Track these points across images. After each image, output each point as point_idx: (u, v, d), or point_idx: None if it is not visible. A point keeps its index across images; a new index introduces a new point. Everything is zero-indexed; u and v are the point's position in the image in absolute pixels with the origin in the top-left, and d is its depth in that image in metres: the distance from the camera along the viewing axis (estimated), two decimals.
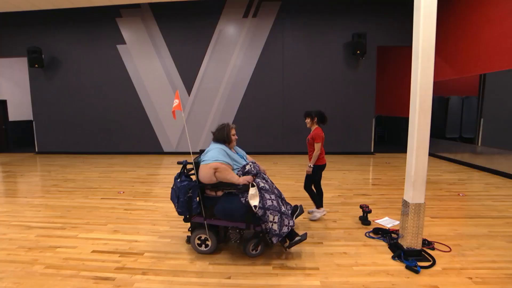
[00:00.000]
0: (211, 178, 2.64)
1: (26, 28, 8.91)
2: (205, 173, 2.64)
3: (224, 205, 2.68)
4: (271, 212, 2.58)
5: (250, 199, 2.57)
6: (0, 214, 3.96)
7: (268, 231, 2.62)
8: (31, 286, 2.32)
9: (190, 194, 2.63)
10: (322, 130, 3.84)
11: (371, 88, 8.04)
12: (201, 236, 2.80)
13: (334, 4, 7.90)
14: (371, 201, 4.28)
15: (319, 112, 3.87)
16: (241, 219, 2.67)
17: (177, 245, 2.97)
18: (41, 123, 9.32)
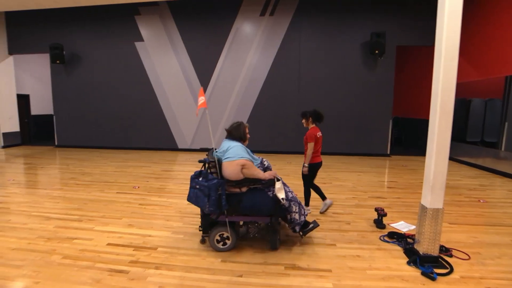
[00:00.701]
0: (238, 174, 2.66)
1: (48, 25, 9.19)
2: (232, 170, 2.65)
3: (253, 200, 2.74)
4: (294, 203, 2.82)
5: (277, 192, 2.71)
6: (22, 205, 4.11)
7: (292, 220, 2.84)
8: (49, 275, 2.40)
9: (220, 191, 2.62)
10: (318, 129, 3.91)
11: (389, 88, 7.87)
12: (222, 233, 2.81)
13: (352, 2, 7.76)
14: (386, 204, 4.19)
15: (314, 111, 3.91)
16: (267, 212, 2.77)
17: (190, 241, 2.99)
18: (61, 118, 9.60)
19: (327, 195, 4.61)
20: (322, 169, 6.36)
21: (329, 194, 4.64)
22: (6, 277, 2.37)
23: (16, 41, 9.58)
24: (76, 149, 9.35)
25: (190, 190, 2.76)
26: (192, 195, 2.72)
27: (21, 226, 3.36)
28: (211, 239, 2.82)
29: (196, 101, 8.59)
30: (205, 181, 2.63)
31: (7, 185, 5.17)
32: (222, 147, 2.89)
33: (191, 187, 2.74)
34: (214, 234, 2.81)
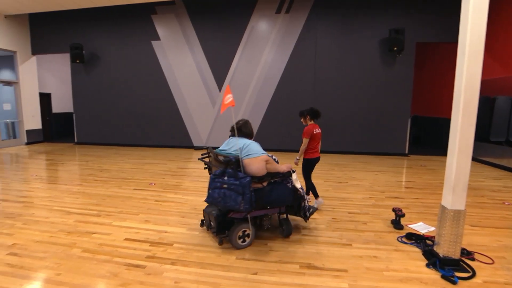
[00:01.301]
0: (264, 170, 2.74)
1: (69, 25, 9.46)
2: (259, 166, 2.71)
3: (277, 193, 2.85)
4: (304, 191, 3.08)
5: (295, 183, 2.99)
6: (44, 199, 4.26)
7: (304, 207, 3.08)
8: (70, 267, 2.47)
9: (252, 188, 2.63)
10: (317, 126, 3.97)
11: (408, 86, 7.66)
12: (245, 230, 2.83)
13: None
14: (404, 204, 4.09)
15: (310, 109, 3.98)
16: (289, 202, 2.98)
17: (205, 238, 3.01)
18: (80, 116, 9.88)
19: (343, 194, 4.57)
20: (339, 168, 6.31)
21: (345, 193, 4.59)
22: (30, 268, 2.46)
23: (39, 42, 9.92)
24: (94, 146, 9.60)
25: (213, 191, 2.69)
26: (217, 195, 2.65)
27: (43, 220, 3.48)
28: (233, 237, 2.78)
29: (213, 99, 8.66)
30: (235, 180, 2.60)
31: (31, 180, 5.36)
32: (231, 145, 2.88)
33: (215, 188, 2.68)
34: (236, 232, 2.78)
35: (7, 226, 3.31)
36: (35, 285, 2.25)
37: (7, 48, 9.29)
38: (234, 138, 2.92)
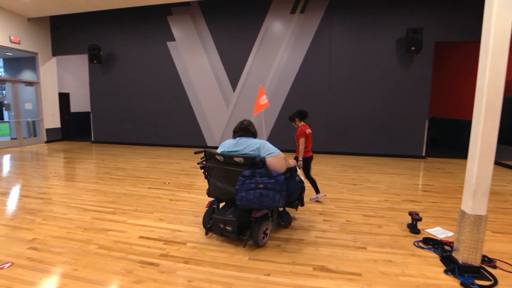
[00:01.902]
0: (284, 167, 2.88)
1: (87, 27, 9.71)
2: (282, 164, 2.83)
3: (292, 186, 3.07)
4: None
5: (301, 176, 3.38)
6: (62, 196, 4.37)
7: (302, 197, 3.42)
8: (86, 263, 2.52)
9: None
10: (308, 127, 4.24)
11: (426, 87, 7.46)
12: (267, 227, 2.92)
13: None
14: (421, 208, 3.98)
15: (298, 111, 4.29)
16: (297, 194, 3.23)
17: (218, 238, 3.02)
18: (97, 115, 10.12)
19: (358, 196, 4.50)
20: (353, 170, 6.22)
21: (360, 196, 4.51)
22: (49, 262, 2.53)
23: (59, 43, 10.23)
24: (110, 145, 9.81)
25: (248, 193, 2.61)
26: (252, 197, 2.60)
27: (61, 216, 3.57)
28: (259, 236, 2.79)
29: (227, 99, 8.70)
30: (270, 178, 2.64)
31: (50, 177, 5.53)
32: (244, 145, 2.85)
33: (249, 189, 2.61)
34: (261, 231, 2.81)
35: (28, 221, 3.41)
36: (54, 279, 2.31)
37: (30, 49, 9.62)
38: (243, 138, 2.91)
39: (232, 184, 2.79)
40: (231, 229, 2.78)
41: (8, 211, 3.80)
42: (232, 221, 2.76)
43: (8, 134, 10.29)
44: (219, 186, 2.94)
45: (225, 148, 2.97)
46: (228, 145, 2.97)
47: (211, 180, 3.03)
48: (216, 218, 2.86)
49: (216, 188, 2.97)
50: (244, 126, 2.97)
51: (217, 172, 2.98)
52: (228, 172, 2.86)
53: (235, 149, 2.88)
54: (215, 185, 2.97)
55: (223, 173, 2.93)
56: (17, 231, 3.16)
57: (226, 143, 3.01)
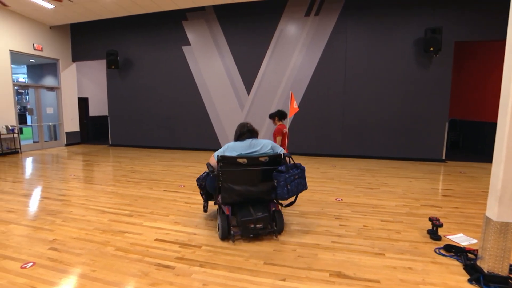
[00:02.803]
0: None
1: (105, 33, 9.99)
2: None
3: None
4: None
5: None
6: (81, 198, 4.48)
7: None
8: (104, 264, 2.56)
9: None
10: (285, 126, 4.59)
11: (445, 88, 7.23)
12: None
13: None
14: (441, 214, 3.85)
15: (278, 111, 4.64)
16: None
17: (234, 242, 3.00)
18: (114, 119, 10.36)
19: (375, 201, 4.41)
20: (370, 174, 6.10)
21: (377, 200, 4.41)
22: (69, 263, 2.59)
23: (78, 50, 10.57)
24: (127, 148, 10.01)
25: (291, 185, 2.91)
26: (295, 187, 2.94)
27: (80, 218, 3.66)
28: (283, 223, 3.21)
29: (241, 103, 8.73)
30: (297, 169, 3.02)
31: (69, 180, 5.68)
32: (259, 146, 3.10)
33: (292, 181, 2.92)
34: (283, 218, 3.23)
35: (49, 222, 3.51)
36: (73, 279, 2.36)
37: (52, 56, 9.98)
38: (254, 140, 3.13)
39: (252, 184, 2.98)
40: (263, 225, 2.98)
41: (31, 212, 3.93)
42: (265, 217, 2.98)
43: (30, 137, 10.69)
44: (237, 189, 2.95)
45: (240, 151, 3.02)
46: (242, 148, 3.04)
47: (225, 187, 2.94)
48: (246, 220, 2.92)
49: (233, 192, 2.95)
50: (252, 128, 3.16)
51: (234, 175, 2.96)
52: (249, 173, 2.98)
53: (252, 150, 3.05)
54: (231, 190, 2.95)
55: (243, 175, 2.98)
56: (39, 231, 3.25)
57: (237, 146, 3.07)
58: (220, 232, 3.03)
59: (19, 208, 4.05)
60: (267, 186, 3.03)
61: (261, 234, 3.05)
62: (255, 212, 2.99)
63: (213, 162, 3.05)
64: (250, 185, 2.98)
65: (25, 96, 13.52)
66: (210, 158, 3.13)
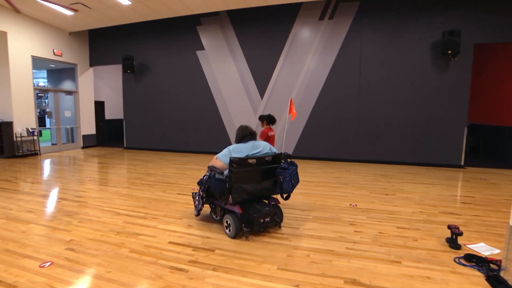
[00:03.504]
0: None
1: (121, 39, 10.23)
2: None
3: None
4: None
5: None
6: (97, 200, 4.56)
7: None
8: (118, 266, 2.58)
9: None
10: (271, 129, 4.87)
11: (464, 92, 7.03)
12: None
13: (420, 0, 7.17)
14: (461, 221, 3.72)
15: (267, 116, 4.91)
16: None
17: (246, 246, 2.99)
18: (129, 122, 10.56)
19: (390, 207, 4.33)
20: (385, 179, 5.99)
21: (392, 206, 4.31)
22: (84, 263, 2.63)
23: (95, 55, 10.85)
24: (141, 151, 10.16)
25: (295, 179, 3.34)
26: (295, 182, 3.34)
27: (96, 219, 3.72)
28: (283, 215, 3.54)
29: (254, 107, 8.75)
30: (293, 165, 3.38)
31: (85, 182, 5.80)
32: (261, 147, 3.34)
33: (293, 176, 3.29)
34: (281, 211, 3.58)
35: (65, 223, 3.59)
36: (88, 280, 2.39)
37: (70, 61, 10.29)
38: (255, 141, 3.37)
39: (259, 183, 3.24)
40: (270, 218, 3.22)
41: (49, 213, 4.03)
42: (271, 211, 3.24)
43: (49, 139, 11.00)
44: (246, 188, 3.11)
45: (247, 152, 3.22)
46: (247, 149, 3.25)
47: (235, 187, 3.04)
48: (257, 216, 3.10)
49: (243, 191, 3.10)
50: (253, 131, 3.39)
51: (244, 175, 3.11)
52: (256, 172, 3.21)
53: (256, 151, 3.28)
54: (241, 190, 3.08)
55: (253, 175, 3.20)
56: (56, 232, 3.32)
57: (242, 147, 3.25)
58: (233, 230, 3.12)
59: (38, 209, 4.16)
60: (269, 183, 3.32)
61: (268, 227, 3.32)
62: (261, 208, 3.22)
63: (219, 165, 3.20)
64: (256, 183, 3.22)
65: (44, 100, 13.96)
66: (213, 161, 3.27)
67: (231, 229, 3.15)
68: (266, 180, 3.29)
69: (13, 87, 8.53)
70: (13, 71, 8.52)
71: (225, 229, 3.25)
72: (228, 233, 3.20)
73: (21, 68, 8.73)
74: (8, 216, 3.83)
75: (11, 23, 8.38)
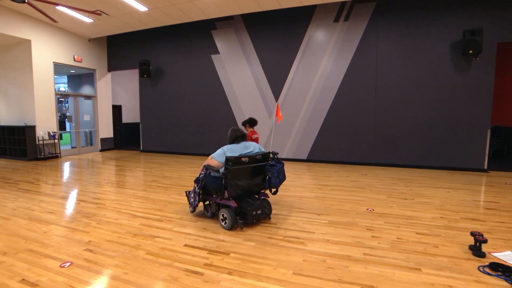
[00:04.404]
0: None
1: (138, 44, 10.46)
2: None
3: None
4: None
5: None
6: (114, 202, 4.65)
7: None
8: (135, 268, 2.62)
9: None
10: (255, 132, 5.12)
11: (487, 93, 6.77)
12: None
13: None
14: (485, 228, 3.57)
15: (249, 119, 5.16)
16: None
17: (261, 250, 2.97)
18: (145, 125, 10.76)
19: (409, 212, 4.22)
20: (403, 183, 5.84)
21: (411, 211, 4.19)
22: (102, 264, 2.67)
23: (113, 60, 11.14)
24: (157, 154, 10.32)
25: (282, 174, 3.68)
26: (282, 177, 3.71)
27: (113, 221, 3.79)
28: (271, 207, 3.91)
29: (269, 110, 8.75)
30: (280, 163, 3.74)
31: (103, 184, 5.93)
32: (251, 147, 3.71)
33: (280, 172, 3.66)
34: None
35: (84, 224, 3.67)
36: (106, 281, 2.43)
37: (90, 67, 10.60)
38: (246, 142, 3.73)
39: (250, 179, 3.61)
40: (261, 211, 3.61)
41: (69, 214, 4.13)
42: (261, 204, 3.62)
43: (69, 143, 11.35)
44: (240, 184, 3.47)
45: (240, 152, 3.58)
46: (239, 149, 3.61)
47: (230, 183, 3.38)
48: (250, 208, 3.47)
49: (237, 187, 3.44)
50: (243, 133, 3.74)
51: (238, 172, 3.47)
52: (250, 169, 3.59)
53: (248, 150, 3.64)
54: (236, 185, 3.42)
55: (245, 172, 3.56)
56: (76, 233, 3.40)
57: (235, 147, 3.61)
58: (229, 222, 3.45)
59: (58, 210, 4.28)
60: (259, 179, 3.71)
61: (260, 219, 3.72)
62: (253, 202, 3.60)
63: (214, 164, 3.53)
64: (248, 179, 3.59)
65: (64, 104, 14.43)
66: (209, 160, 3.60)
67: (227, 221, 3.47)
68: (257, 177, 3.69)
69: (36, 92, 8.87)
70: (36, 77, 8.86)
71: (221, 222, 3.55)
72: (224, 226, 3.52)
73: (43, 74, 9.07)
74: (31, 216, 3.96)
75: (35, 32, 8.73)
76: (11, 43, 8.91)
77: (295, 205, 4.47)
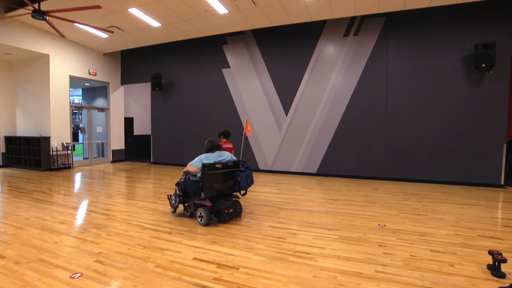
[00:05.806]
0: None
1: (151, 58, 10.73)
2: None
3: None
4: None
5: None
6: (124, 213, 4.68)
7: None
8: (144, 280, 2.60)
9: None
10: (228, 142, 5.94)
11: (502, 106, 6.62)
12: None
13: (450, 13, 6.96)
14: (504, 247, 3.43)
15: (223, 132, 6.10)
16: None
17: (271, 265, 2.92)
18: (156, 138, 10.89)
19: (422, 228, 4.12)
20: (416, 199, 5.72)
21: (425, 227, 4.07)
22: (112, 276, 2.67)
23: (126, 73, 11.43)
24: (167, 166, 10.40)
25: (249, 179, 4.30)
26: (250, 181, 4.31)
27: (123, 233, 3.80)
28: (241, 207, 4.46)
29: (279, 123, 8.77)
30: (248, 169, 4.36)
31: (114, 195, 5.99)
32: (224, 156, 4.33)
33: (248, 177, 4.28)
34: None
35: (94, 235, 3.69)
36: None
37: (104, 80, 10.90)
38: (221, 151, 4.38)
39: (223, 182, 4.19)
40: (233, 210, 4.20)
41: (79, 224, 4.17)
42: (233, 204, 4.22)
43: (81, 154, 11.55)
44: (215, 187, 4.03)
45: (214, 159, 4.18)
46: (214, 157, 4.22)
47: (206, 185, 3.93)
48: (224, 207, 4.06)
49: (212, 189, 4.00)
50: (218, 144, 4.35)
51: (213, 177, 4.03)
52: (222, 174, 4.18)
53: (221, 158, 4.26)
54: (211, 188, 3.98)
55: (219, 177, 4.13)
56: (86, 244, 3.42)
57: (210, 156, 4.22)
58: (205, 219, 4.02)
59: (69, 220, 4.32)
60: (230, 183, 4.27)
61: (232, 217, 4.26)
62: (226, 202, 4.16)
63: (193, 169, 4.11)
64: (221, 182, 4.16)
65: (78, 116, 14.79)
66: (188, 167, 4.17)
67: (203, 219, 4.05)
68: (228, 180, 4.25)
69: (52, 104, 9.13)
70: (53, 90, 9.15)
71: (198, 219, 4.14)
72: (200, 222, 4.09)
73: (59, 87, 9.36)
74: (43, 226, 4.01)
75: (53, 46, 9.07)
76: (31, 58, 9.27)
77: (304, 220, 4.40)
